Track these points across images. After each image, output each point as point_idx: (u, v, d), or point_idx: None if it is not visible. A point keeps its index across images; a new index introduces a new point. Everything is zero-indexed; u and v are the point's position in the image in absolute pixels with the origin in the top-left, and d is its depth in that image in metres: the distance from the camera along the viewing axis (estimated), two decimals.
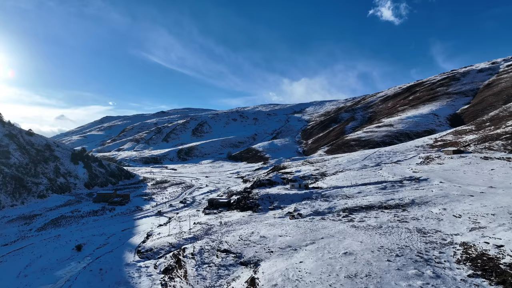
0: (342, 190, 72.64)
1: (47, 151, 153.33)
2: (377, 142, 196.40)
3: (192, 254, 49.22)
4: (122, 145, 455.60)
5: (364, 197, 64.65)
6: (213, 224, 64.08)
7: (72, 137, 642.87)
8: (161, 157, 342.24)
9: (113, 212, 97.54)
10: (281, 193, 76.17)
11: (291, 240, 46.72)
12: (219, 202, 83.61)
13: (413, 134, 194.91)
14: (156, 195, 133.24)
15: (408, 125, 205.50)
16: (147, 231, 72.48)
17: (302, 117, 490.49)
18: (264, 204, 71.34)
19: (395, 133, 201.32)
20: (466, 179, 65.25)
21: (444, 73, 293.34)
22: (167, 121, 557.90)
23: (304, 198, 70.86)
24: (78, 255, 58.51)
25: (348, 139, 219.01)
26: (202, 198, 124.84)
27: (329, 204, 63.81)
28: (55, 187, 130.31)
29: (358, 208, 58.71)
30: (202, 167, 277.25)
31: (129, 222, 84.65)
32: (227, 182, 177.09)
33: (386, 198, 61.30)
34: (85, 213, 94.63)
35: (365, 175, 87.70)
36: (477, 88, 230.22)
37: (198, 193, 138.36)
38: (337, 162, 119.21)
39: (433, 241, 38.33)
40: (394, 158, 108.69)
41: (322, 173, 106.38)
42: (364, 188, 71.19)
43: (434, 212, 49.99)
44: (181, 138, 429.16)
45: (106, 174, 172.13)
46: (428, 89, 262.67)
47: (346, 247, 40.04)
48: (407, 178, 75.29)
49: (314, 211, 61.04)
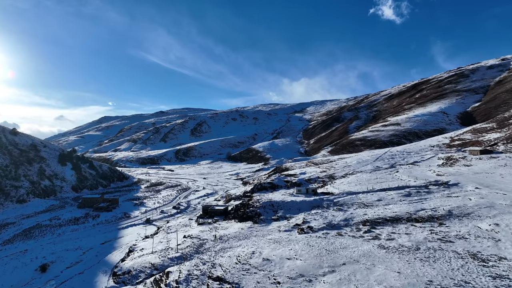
0: (358, 197, 62.15)
1: (32, 151, 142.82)
2: (384, 142, 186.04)
3: (177, 282, 38.78)
4: (119, 146, 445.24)
5: (386, 206, 54.18)
6: (206, 239, 53.60)
7: (69, 137, 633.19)
8: (159, 157, 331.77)
9: (96, 220, 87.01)
10: (286, 200, 65.67)
11: (303, 266, 36.23)
12: (215, 210, 73.16)
13: (422, 133, 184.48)
14: (148, 199, 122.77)
15: (416, 123, 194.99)
16: (130, 245, 62.04)
17: (303, 116, 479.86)
18: (266, 213, 60.89)
19: (402, 132, 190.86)
20: (508, 185, 54.89)
21: (451, 71, 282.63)
22: (165, 121, 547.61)
23: (313, 207, 60.41)
24: (41, 278, 48.11)
25: (353, 139, 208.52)
26: (198, 202, 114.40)
27: (344, 215, 53.32)
28: (38, 191, 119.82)
29: (381, 221, 48.25)
30: (201, 168, 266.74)
31: (112, 233, 74.18)
32: (226, 185, 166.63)
33: (414, 208, 50.82)
34: (64, 221, 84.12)
35: (381, 179, 77.22)
36: (487, 85, 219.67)
37: (194, 196, 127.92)
38: (345, 163, 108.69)
39: (502, 275, 27.85)
40: (410, 159, 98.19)
41: (330, 175, 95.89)
42: (384, 195, 60.72)
43: (483, 228, 39.52)
44: (180, 138, 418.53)
45: (97, 176, 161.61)
46: (435, 87, 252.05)
47: (380, 281, 29.61)
48: (432, 183, 64.80)
49: (327, 224, 50.58)
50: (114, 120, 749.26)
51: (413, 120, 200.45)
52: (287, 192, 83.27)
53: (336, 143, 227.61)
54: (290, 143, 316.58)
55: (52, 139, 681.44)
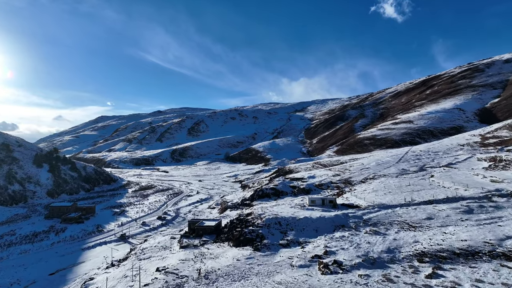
0: (396, 212, 45.83)
1: (3, 151, 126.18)
2: (396, 141, 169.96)
3: None
4: (113, 146, 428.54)
5: (444, 229, 37.87)
6: (187, 276, 37.16)
7: (64, 137, 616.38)
8: (153, 158, 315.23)
9: (60, 236, 70.51)
10: (297, 215, 49.22)
11: None
12: (204, 227, 56.69)
13: (437, 131, 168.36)
14: (132, 207, 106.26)
15: (430, 121, 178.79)
16: (85, 278, 45.59)
17: (304, 115, 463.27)
18: (271, 235, 44.52)
19: (416, 130, 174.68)
20: None
21: (461, 66, 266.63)
22: (162, 120, 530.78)
23: (336, 226, 44.12)
24: None
25: (361, 138, 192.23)
26: (188, 211, 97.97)
27: (385, 242, 36.94)
28: (4, 197, 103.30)
29: (447, 255, 31.92)
30: (197, 169, 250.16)
31: (72, 255, 57.73)
32: (223, 188, 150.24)
33: (492, 233, 34.49)
34: (18, 238, 67.65)
35: (415, 185, 60.96)
36: (506, 80, 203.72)
37: (184, 203, 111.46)
38: (361, 165, 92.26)
39: None
40: (441, 160, 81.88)
41: (345, 180, 79.53)
42: (432, 210, 44.41)
43: None
44: (176, 137, 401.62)
45: (79, 179, 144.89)
46: (447, 82, 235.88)
47: None
48: (493, 192, 48.56)
49: (363, 257, 34.20)
50: (110, 120, 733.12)
51: (427, 117, 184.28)
52: (295, 201, 66.78)
53: (342, 143, 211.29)
54: (292, 143, 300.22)
55: (47, 139, 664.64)
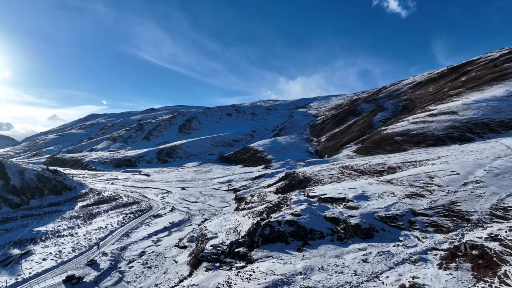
0: None
1: None
2: (440, 137, 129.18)
3: None
4: (96, 145, 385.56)
5: None
6: None
7: (47, 136, 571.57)
8: (137, 158, 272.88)
9: None
10: None
11: None
12: None
13: (495, 124, 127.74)
14: (53, 240, 64.22)
15: (482, 111, 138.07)
16: None
17: (307, 111, 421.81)
18: None
19: (464, 123, 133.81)
20: None
21: (503, 49, 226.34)
22: (152, 117, 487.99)
23: None
24: None
25: (389, 134, 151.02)
26: (138, 254, 56.22)
27: None
28: None
29: None
30: (184, 172, 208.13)
31: None
32: (210, 201, 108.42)
33: None
34: None
35: None
36: None
37: (143, 233, 69.47)
38: (453, 175, 50.99)
39: None
40: None
41: (447, 208, 38.18)
42: None
43: None
44: (165, 136, 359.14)
45: (4, 189, 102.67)
46: (488, 67, 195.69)
47: None
48: None
49: None
50: (100, 118, 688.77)
51: (475, 107, 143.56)
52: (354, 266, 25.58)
53: (362, 140, 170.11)
54: (296, 141, 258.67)
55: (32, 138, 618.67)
